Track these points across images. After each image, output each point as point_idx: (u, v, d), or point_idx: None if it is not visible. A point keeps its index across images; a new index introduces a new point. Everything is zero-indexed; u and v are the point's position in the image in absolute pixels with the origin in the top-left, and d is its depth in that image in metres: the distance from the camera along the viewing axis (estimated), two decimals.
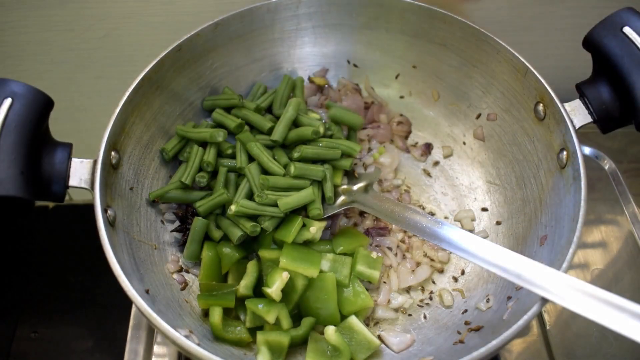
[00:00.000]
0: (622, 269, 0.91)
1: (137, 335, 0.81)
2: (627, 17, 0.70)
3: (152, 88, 0.79)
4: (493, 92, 0.85)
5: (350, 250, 0.78)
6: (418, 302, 0.78)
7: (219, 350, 0.68)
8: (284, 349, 0.69)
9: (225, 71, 0.90)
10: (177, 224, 0.81)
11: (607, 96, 0.71)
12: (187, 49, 0.82)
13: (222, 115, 0.85)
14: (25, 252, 1.01)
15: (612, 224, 0.97)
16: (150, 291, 0.68)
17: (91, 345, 0.89)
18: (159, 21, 0.97)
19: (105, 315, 0.92)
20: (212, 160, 0.81)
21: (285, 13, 0.89)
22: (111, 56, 1.01)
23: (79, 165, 0.68)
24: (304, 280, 0.72)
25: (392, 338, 0.73)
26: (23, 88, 0.63)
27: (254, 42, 0.90)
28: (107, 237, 0.63)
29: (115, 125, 0.72)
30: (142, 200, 0.78)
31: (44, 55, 1.00)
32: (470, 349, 0.60)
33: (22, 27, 0.96)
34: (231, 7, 0.85)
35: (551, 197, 0.74)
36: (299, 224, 0.75)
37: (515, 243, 0.78)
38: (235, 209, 0.75)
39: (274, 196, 0.76)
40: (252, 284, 0.73)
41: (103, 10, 0.95)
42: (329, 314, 0.72)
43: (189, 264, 0.79)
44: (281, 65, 0.94)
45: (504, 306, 0.70)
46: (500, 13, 1.00)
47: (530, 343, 0.83)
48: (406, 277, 0.79)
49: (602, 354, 0.82)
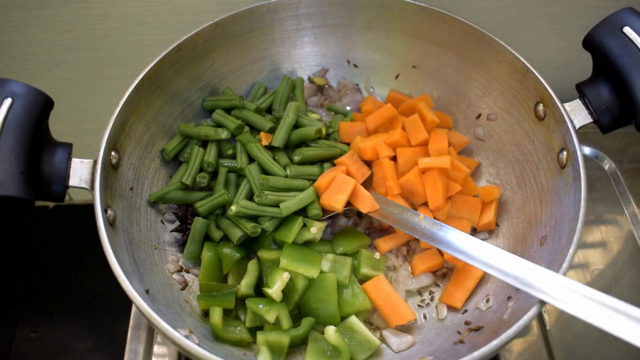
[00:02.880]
0: (622, 269, 0.92)
1: (137, 335, 0.81)
2: (627, 17, 0.70)
3: (152, 88, 0.79)
4: (493, 92, 0.85)
5: (350, 250, 0.78)
6: (418, 302, 0.78)
7: (219, 350, 0.68)
8: (284, 349, 0.69)
9: (225, 71, 0.90)
10: (177, 224, 0.81)
11: (607, 96, 0.71)
12: (187, 49, 0.82)
13: (222, 116, 0.85)
14: (25, 252, 1.01)
15: (612, 224, 0.97)
16: (150, 291, 0.68)
17: (91, 345, 0.89)
18: (159, 21, 0.97)
19: (105, 315, 0.92)
20: (213, 161, 0.81)
21: (285, 13, 0.89)
22: (111, 56, 1.01)
23: (79, 165, 0.68)
24: (305, 280, 0.72)
25: (392, 338, 0.73)
26: (23, 88, 0.63)
27: (254, 42, 0.90)
28: (107, 237, 0.63)
29: (115, 125, 0.72)
30: (142, 200, 0.78)
31: (44, 55, 1.00)
32: (470, 349, 0.60)
33: (22, 27, 0.96)
34: (231, 7, 0.85)
35: (551, 197, 0.74)
36: (299, 224, 0.75)
37: (515, 243, 0.78)
38: (236, 210, 0.75)
39: (274, 197, 0.76)
40: (252, 283, 0.73)
41: (103, 10, 0.95)
42: (329, 314, 0.72)
43: (189, 264, 0.79)
44: (281, 65, 0.94)
45: (504, 306, 0.70)
46: (500, 13, 1.00)
47: (530, 343, 0.83)
48: (407, 281, 0.79)
49: (602, 354, 0.82)
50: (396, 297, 0.74)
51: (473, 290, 0.76)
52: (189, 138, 0.84)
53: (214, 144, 0.83)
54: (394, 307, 0.73)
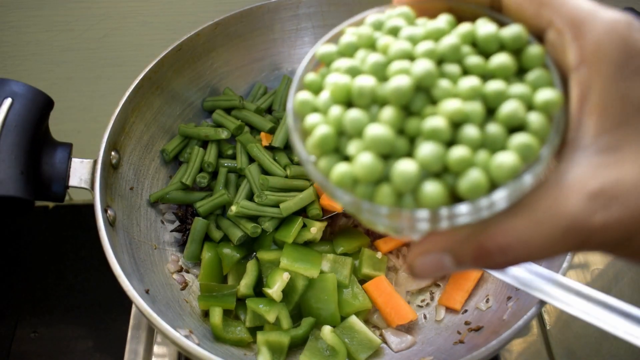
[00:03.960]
0: (622, 269, 0.91)
1: (137, 335, 0.81)
2: None
3: (152, 88, 0.79)
4: None
5: (350, 250, 0.78)
6: (419, 302, 0.78)
7: (219, 351, 0.68)
8: (284, 349, 0.69)
9: (225, 71, 0.90)
10: (177, 224, 0.81)
11: None
12: (187, 49, 0.82)
13: (222, 117, 0.85)
14: (25, 252, 1.01)
15: None
16: (150, 291, 0.68)
17: (91, 345, 0.89)
18: (159, 21, 0.97)
19: (105, 315, 0.92)
20: (213, 161, 0.81)
21: (285, 13, 0.89)
22: (111, 56, 1.01)
23: (79, 165, 0.68)
24: (305, 280, 0.72)
25: (392, 338, 0.73)
26: (23, 88, 0.63)
27: (254, 42, 0.90)
28: (107, 237, 0.63)
29: (115, 125, 0.72)
30: (142, 200, 0.78)
31: (44, 55, 1.00)
32: (470, 349, 0.60)
33: (22, 27, 0.96)
34: (231, 7, 0.85)
35: None
36: (300, 224, 0.75)
37: None
38: (236, 210, 0.75)
39: (274, 197, 0.76)
40: (252, 283, 0.73)
41: (103, 10, 0.95)
42: (330, 314, 0.72)
43: (189, 264, 0.79)
44: (281, 65, 0.94)
45: (504, 306, 0.70)
46: None
47: (530, 343, 0.83)
48: (407, 282, 0.79)
49: (602, 354, 0.82)
50: (397, 297, 0.74)
51: (472, 291, 0.76)
52: (189, 138, 0.84)
53: (214, 144, 0.83)
54: (395, 307, 0.73)
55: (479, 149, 0.32)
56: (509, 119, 0.32)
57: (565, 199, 0.31)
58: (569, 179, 0.31)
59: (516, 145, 0.31)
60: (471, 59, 0.34)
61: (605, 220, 0.30)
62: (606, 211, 0.30)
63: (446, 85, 0.32)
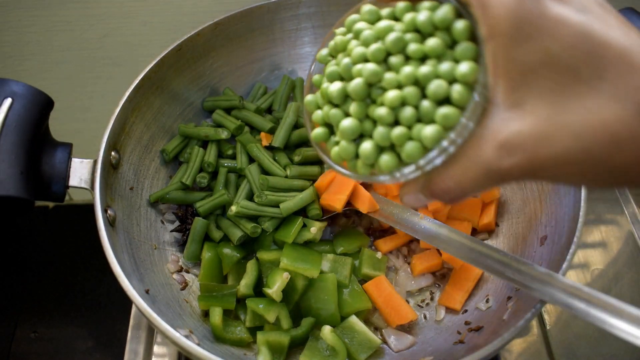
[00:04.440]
0: (622, 269, 0.92)
1: (137, 335, 0.81)
2: (627, 17, 0.70)
3: (152, 88, 0.79)
4: None
5: (350, 250, 0.78)
6: (419, 302, 0.78)
7: (219, 351, 0.68)
8: (284, 349, 0.69)
9: (225, 71, 0.90)
10: (177, 224, 0.81)
11: None
12: (187, 49, 0.82)
13: (222, 117, 0.85)
14: (25, 252, 1.01)
15: (612, 224, 0.97)
16: (150, 291, 0.68)
17: (91, 345, 0.89)
18: (159, 21, 0.97)
19: (105, 315, 0.92)
20: (213, 161, 0.81)
21: (285, 13, 0.89)
22: (111, 56, 1.01)
23: (79, 165, 0.68)
24: (305, 280, 0.72)
25: (392, 338, 0.73)
26: (23, 88, 0.63)
27: (254, 42, 0.90)
28: (107, 237, 0.63)
29: (115, 125, 0.72)
30: (142, 200, 0.78)
31: (44, 55, 1.00)
32: (470, 349, 0.60)
33: (22, 27, 0.96)
34: (231, 7, 0.85)
35: (551, 197, 0.74)
36: (300, 224, 0.75)
37: (515, 243, 0.78)
38: (236, 210, 0.75)
39: (274, 197, 0.76)
40: (252, 283, 0.73)
41: (103, 10, 0.95)
42: (329, 314, 0.72)
43: (189, 264, 0.79)
44: (281, 65, 0.94)
45: (504, 306, 0.70)
46: None
47: (530, 343, 0.83)
48: (407, 282, 0.79)
49: (602, 354, 0.82)
50: (397, 297, 0.74)
51: (472, 291, 0.76)
52: (189, 138, 0.84)
53: (214, 144, 0.83)
54: (395, 307, 0.73)
55: (416, 123, 0.42)
56: (435, 95, 0.40)
57: (482, 149, 0.40)
58: (485, 132, 0.40)
59: (439, 116, 0.40)
60: (412, 46, 0.42)
61: (510, 165, 0.38)
62: (511, 157, 0.38)
63: (390, 77, 0.42)
